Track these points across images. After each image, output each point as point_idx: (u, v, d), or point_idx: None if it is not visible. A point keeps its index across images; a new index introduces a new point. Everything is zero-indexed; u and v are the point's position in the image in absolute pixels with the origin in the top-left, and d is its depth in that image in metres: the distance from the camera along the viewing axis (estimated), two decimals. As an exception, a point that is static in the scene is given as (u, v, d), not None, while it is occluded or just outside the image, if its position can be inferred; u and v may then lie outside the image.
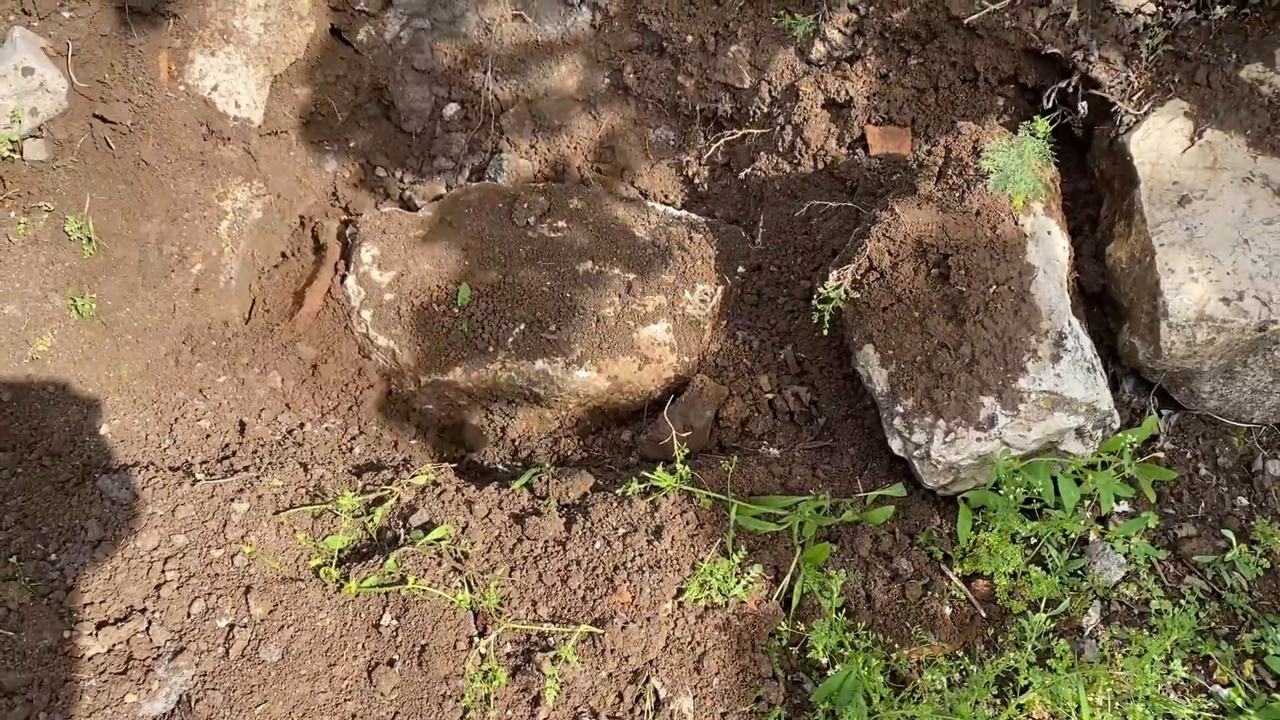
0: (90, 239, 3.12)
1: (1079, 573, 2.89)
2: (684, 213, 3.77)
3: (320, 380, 3.52)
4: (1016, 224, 2.90)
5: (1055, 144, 3.06)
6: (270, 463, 2.97)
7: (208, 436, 3.07)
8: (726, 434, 3.33)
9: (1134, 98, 3.13)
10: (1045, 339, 2.84)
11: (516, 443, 3.58)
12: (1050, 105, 3.27)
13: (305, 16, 3.71)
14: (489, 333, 3.40)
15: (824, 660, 2.49)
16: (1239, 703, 2.62)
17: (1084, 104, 3.20)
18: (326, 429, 3.40)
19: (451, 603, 2.53)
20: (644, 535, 2.72)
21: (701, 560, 2.68)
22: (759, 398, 3.37)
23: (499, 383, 3.42)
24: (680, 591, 2.63)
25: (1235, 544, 2.92)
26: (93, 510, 2.50)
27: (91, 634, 2.34)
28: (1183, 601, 2.83)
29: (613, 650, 2.50)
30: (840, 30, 3.44)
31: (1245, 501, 3.08)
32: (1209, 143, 3.02)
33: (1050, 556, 2.87)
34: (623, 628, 2.52)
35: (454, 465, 3.12)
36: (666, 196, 3.98)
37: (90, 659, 2.33)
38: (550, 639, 2.53)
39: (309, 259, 3.81)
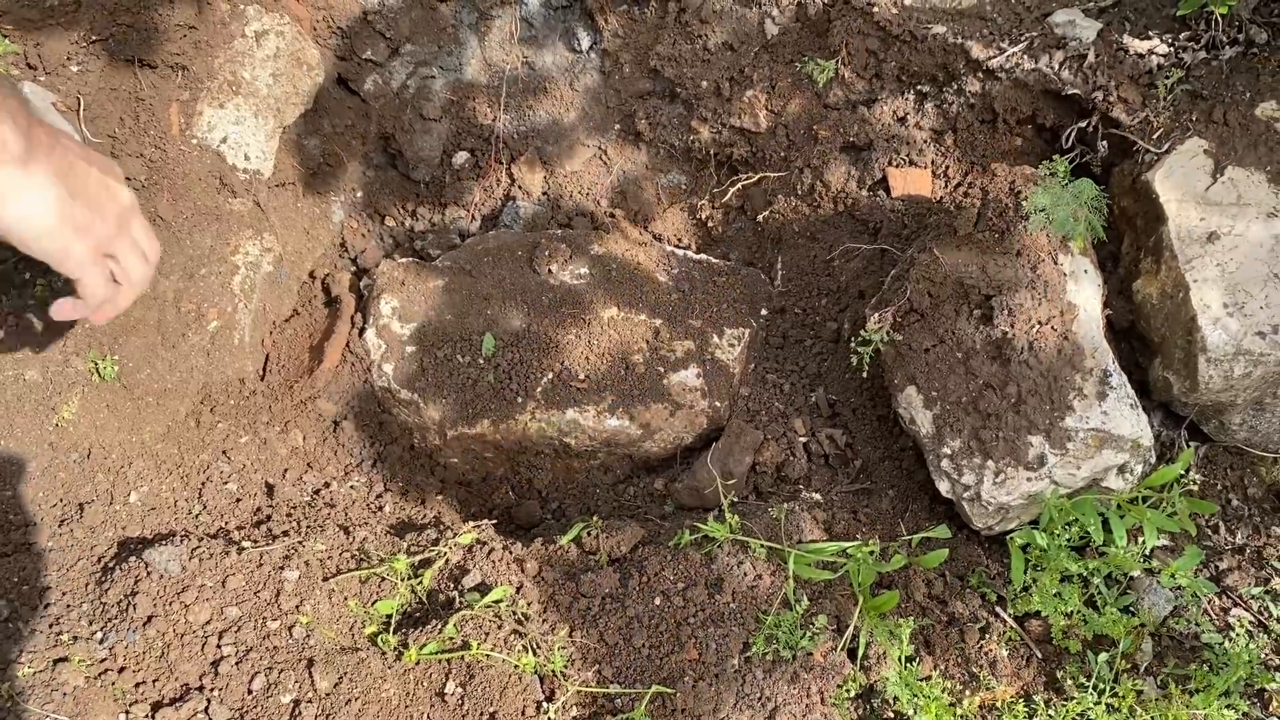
0: (110, 299, 3.01)
1: (1129, 609, 2.89)
2: (703, 256, 3.76)
3: (341, 437, 3.43)
4: (1056, 264, 2.92)
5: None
6: (309, 525, 2.87)
7: (238, 500, 2.96)
8: (763, 479, 3.30)
9: (1154, 136, 3.19)
10: (1090, 377, 2.86)
11: (544, 494, 3.51)
12: (1069, 145, 3.31)
13: (314, 66, 3.65)
14: (517, 383, 3.34)
15: (909, 712, 2.45)
16: (1300, 736, 2.64)
17: (1104, 143, 3.25)
18: (352, 487, 3.30)
19: (516, 667, 2.45)
20: (703, 589, 2.67)
21: (764, 612, 2.64)
22: (793, 441, 3.35)
23: (529, 434, 3.36)
24: (746, 646, 2.58)
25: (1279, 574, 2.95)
26: (139, 585, 2.39)
27: (148, 715, 2.22)
28: (1233, 634, 2.85)
29: (684, 710, 2.44)
30: (859, 74, 3.47)
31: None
32: (1231, 179, 3.08)
33: (1101, 594, 2.87)
34: (693, 686, 2.47)
35: (492, 521, 3.05)
36: (680, 240, 3.97)
37: (146, 743, 2.22)
38: (618, 701, 2.46)
39: (320, 312, 3.73)
